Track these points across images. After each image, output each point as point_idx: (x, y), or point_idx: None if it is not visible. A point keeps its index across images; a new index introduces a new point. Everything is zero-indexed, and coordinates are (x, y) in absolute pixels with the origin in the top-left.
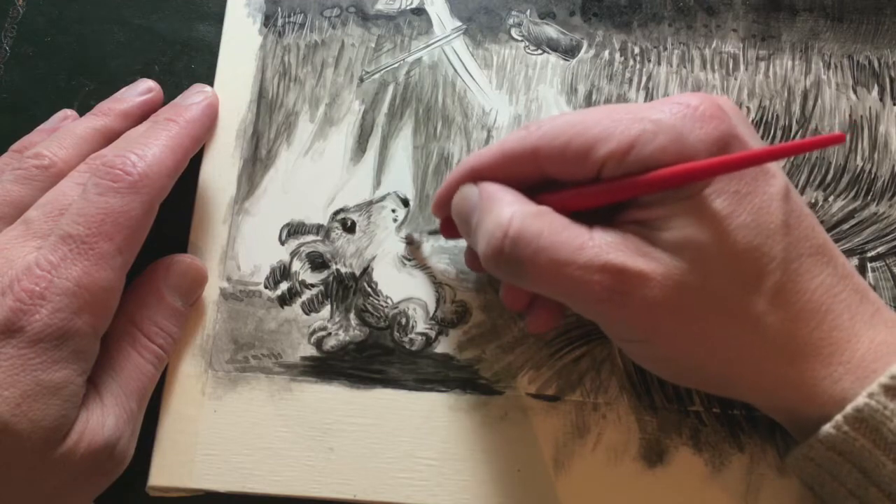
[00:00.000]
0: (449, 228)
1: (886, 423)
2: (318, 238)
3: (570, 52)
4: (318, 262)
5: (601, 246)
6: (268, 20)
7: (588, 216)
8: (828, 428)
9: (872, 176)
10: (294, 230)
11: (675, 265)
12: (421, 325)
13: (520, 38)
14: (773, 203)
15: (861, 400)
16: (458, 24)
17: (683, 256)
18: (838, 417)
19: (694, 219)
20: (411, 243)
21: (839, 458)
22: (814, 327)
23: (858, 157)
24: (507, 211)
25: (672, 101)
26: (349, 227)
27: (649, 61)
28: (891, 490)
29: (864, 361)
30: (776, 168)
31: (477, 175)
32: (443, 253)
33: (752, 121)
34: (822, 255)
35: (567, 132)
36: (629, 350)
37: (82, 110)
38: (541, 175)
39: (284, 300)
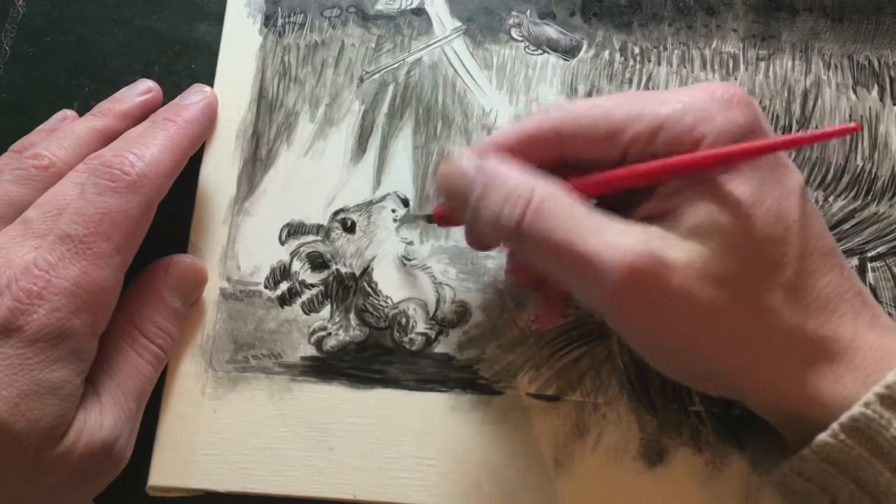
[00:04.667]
0: (445, 216)
1: (882, 433)
2: (318, 238)
3: (570, 52)
4: (318, 262)
5: (622, 230)
6: (268, 20)
7: (603, 208)
8: (824, 436)
9: (872, 176)
10: (294, 230)
11: (698, 252)
12: (421, 325)
13: (520, 39)
14: (791, 197)
15: (857, 409)
16: (458, 24)
17: (705, 242)
18: (834, 426)
19: (716, 203)
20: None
21: (833, 470)
22: (821, 325)
23: (858, 157)
24: (528, 182)
25: (699, 86)
26: (349, 227)
27: (649, 61)
28: (887, 501)
29: (864, 362)
30: (793, 164)
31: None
32: (443, 253)
33: None
34: (832, 257)
35: (593, 113)
36: (634, 343)
37: (82, 110)
38: (558, 158)
39: (284, 300)
